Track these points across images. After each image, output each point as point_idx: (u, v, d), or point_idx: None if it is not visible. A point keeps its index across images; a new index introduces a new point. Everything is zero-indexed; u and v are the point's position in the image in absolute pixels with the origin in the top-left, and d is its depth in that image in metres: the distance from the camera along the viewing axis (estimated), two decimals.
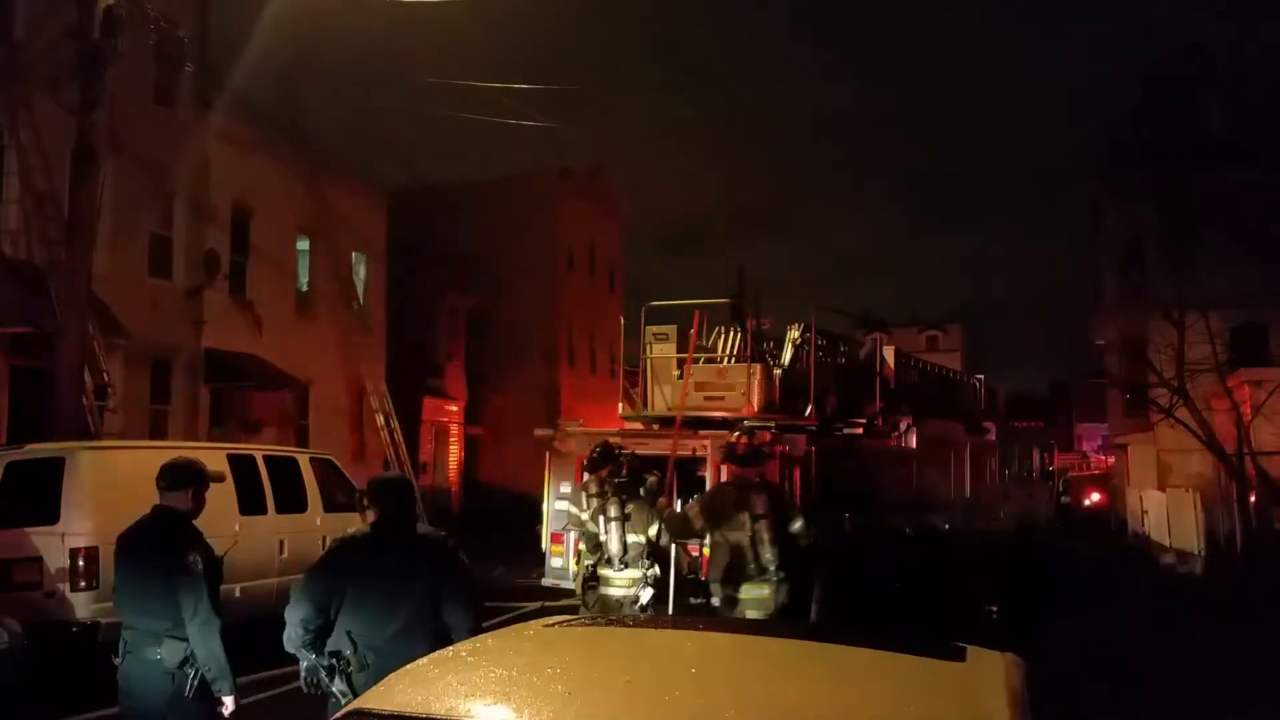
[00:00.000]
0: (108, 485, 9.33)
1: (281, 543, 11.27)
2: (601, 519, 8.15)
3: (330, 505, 12.19)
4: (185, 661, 4.93)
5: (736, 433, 8.40)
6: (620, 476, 8.32)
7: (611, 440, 9.00)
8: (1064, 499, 33.76)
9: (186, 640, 4.93)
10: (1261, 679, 10.58)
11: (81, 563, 9.04)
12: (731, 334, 12.79)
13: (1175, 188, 22.64)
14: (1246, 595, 15.85)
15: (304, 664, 4.64)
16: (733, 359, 12.40)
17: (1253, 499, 19.98)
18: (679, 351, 12.22)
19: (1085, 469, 48.61)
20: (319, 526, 11.80)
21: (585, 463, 8.96)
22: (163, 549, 5.02)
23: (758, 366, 11.69)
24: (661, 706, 2.42)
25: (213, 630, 4.94)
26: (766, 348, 12.72)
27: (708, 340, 12.83)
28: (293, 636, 4.64)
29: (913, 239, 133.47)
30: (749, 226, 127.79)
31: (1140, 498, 28.37)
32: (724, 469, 8.86)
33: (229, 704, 5.03)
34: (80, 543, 9.08)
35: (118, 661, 5.08)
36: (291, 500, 11.68)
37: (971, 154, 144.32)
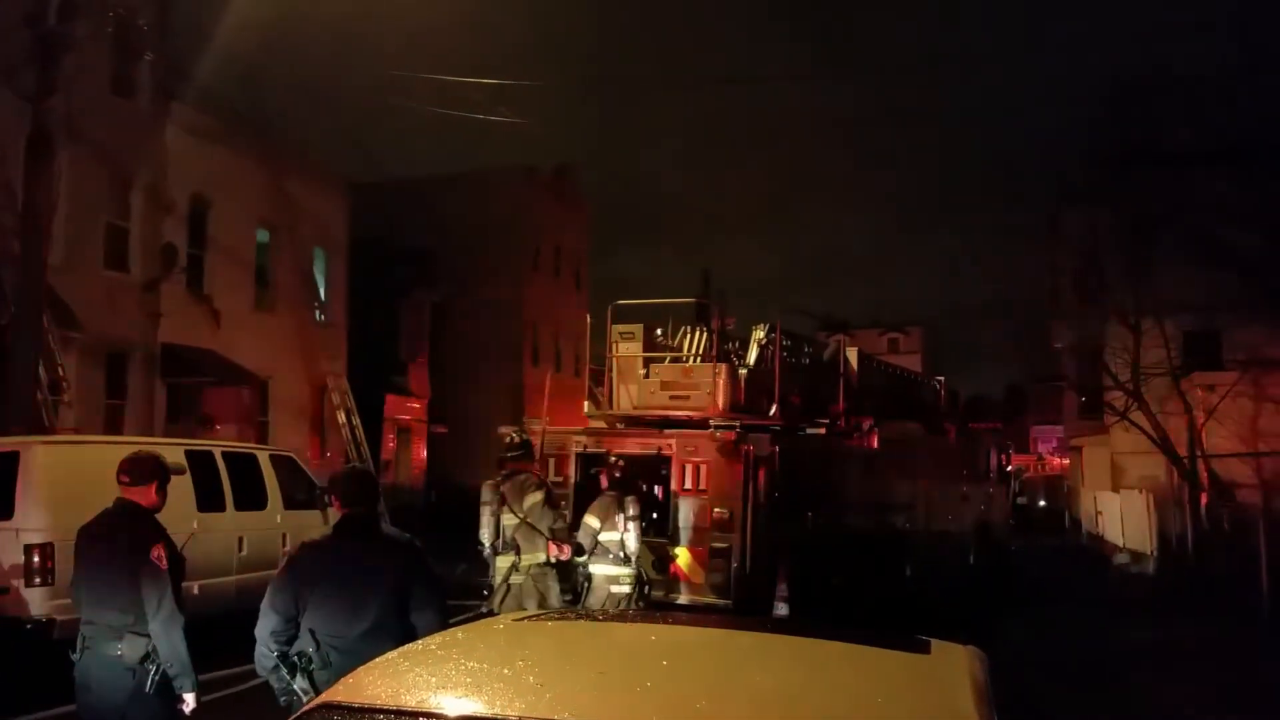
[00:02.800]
0: (63, 481, 9.18)
1: (240, 540, 11.14)
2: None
3: (290, 502, 12.08)
4: (146, 658, 4.85)
5: (509, 436, 9.28)
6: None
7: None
8: (1020, 499, 34.16)
9: (148, 636, 4.85)
10: (1210, 675, 10.80)
11: (36, 559, 8.88)
12: (697, 334, 12.82)
13: (1133, 195, 22.99)
14: (1197, 594, 16.13)
15: (277, 686, 4.52)
16: (698, 358, 12.42)
17: (1204, 501, 20.33)
18: (645, 350, 12.23)
19: (1041, 470, 49.21)
20: (279, 524, 11.69)
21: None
22: (126, 544, 4.94)
23: (723, 366, 11.71)
24: (634, 697, 2.42)
25: (176, 627, 4.87)
26: (732, 347, 12.75)
27: (673, 340, 12.85)
28: (264, 655, 4.51)
29: (876, 243, 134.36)
30: (714, 227, 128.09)
31: (1094, 498, 28.81)
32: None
33: (190, 701, 4.97)
34: (35, 539, 8.93)
35: (75, 657, 5.00)
36: (251, 497, 11.55)
37: (933, 158, 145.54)
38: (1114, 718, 8.70)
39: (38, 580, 8.87)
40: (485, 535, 8.88)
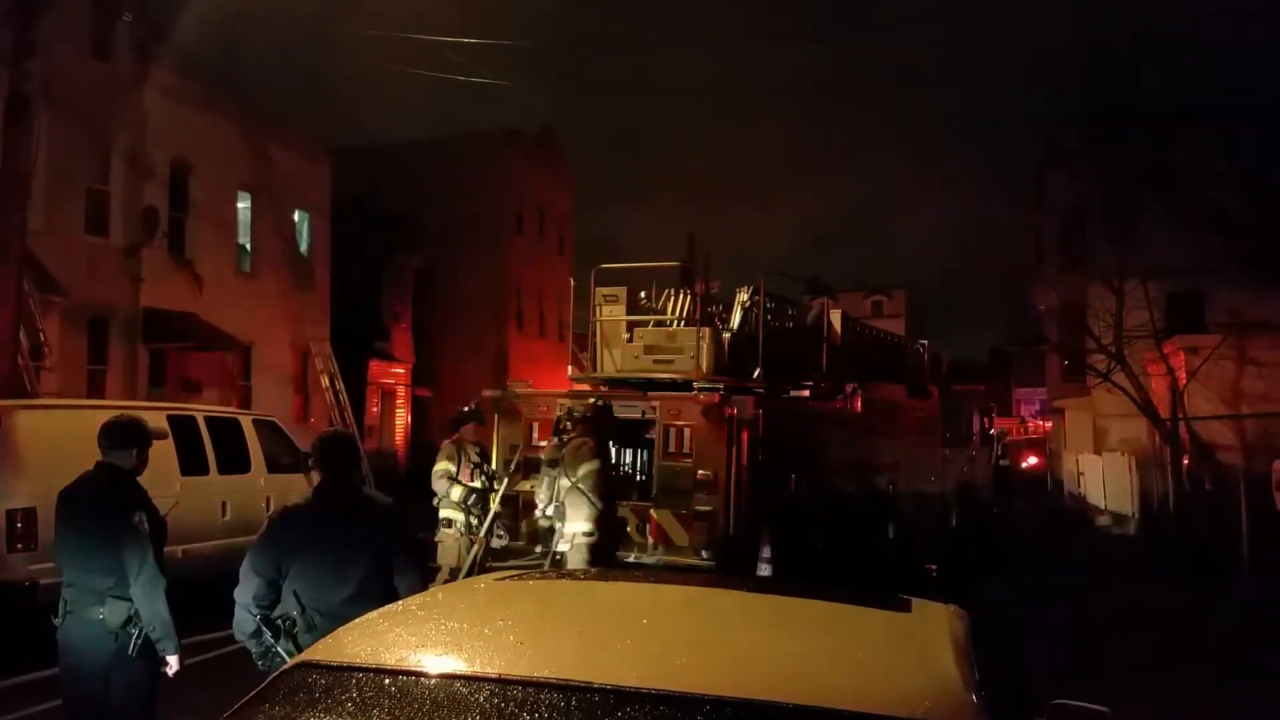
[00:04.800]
0: (45, 445, 9.15)
1: (224, 504, 11.16)
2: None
3: (273, 466, 12.10)
4: (129, 621, 4.86)
5: (593, 399, 9.78)
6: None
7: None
8: (1003, 462, 34.43)
9: (130, 600, 4.85)
10: (1190, 635, 10.94)
11: (19, 524, 8.88)
12: (681, 297, 12.78)
13: (1116, 157, 23.00)
14: (1178, 555, 16.29)
15: (255, 650, 4.49)
16: (682, 322, 12.39)
17: (1185, 462, 20.49)
18: (629, 314, 12.19)
19: (1023, 433, 49.54)
20: (262, 488, 11.73)
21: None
22: (107, 507, 4.93)
23: (706, 330, 11.68)
24: (614, 654, 2.43)
25: (157, 590, 4.86)
26: (715, 311, 12.72)
27: (657, 303, 12.82)
28: (243, 621, 4.47)
29: (861, 206, 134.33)
30: (698, 190, 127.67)
31: (1077, 461, 29.03)
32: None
33: (173, 663, 4.98)
34: (17, 503, 8.92)
35: (58, 621, 4.99)
36: (234, 461, 11.56)
37: (917, 120, 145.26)
38: (1094, 678, 8.79)
39: (20, 545, 8.88)
40: (541, 497, 9.13)
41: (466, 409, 11.23)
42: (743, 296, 12.86)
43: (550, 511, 8.98)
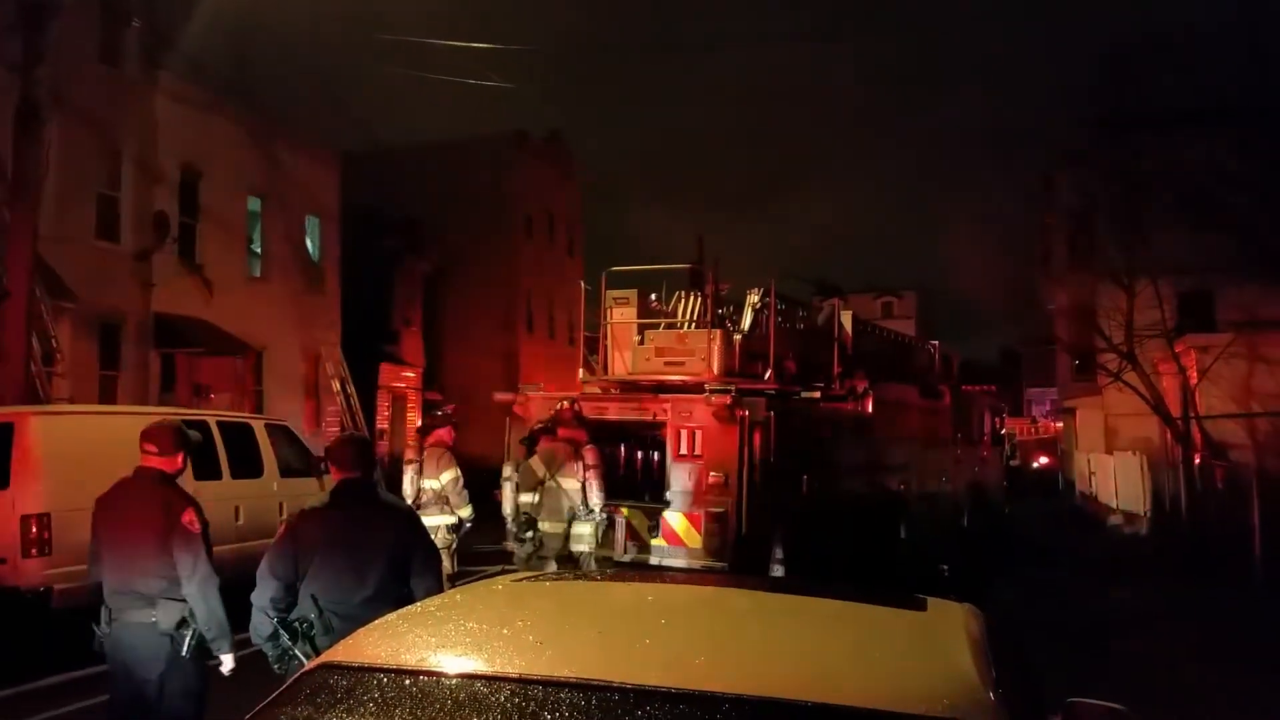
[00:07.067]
0: (58, 451, 9.20)
1: (237, 509, 11.18)
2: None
3: (286, 471, 12.12)
4: (182, 623, 4.86)
5: (564, 402, 10.35)
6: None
7: None
8: (1014, 462, 34.34)
9: (183, 601, 4.85)
10: (1202, 635, 10.91)
11: (34, 529, 8.91)
12: (691, 299, 12.78)
13: (1126, 155, 22.91)
14: (1190, 555, 16.24)
15: (272, 653, 4.51)
16: (692, 324, 12.39)
17: (1197, 461, 20.41)
18: (640, 316, 12.21)
19: (1034, 433, 49.36)
20: (275, 492, 11.74)
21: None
22: (156, 510, 4.92)
23: (718, 332, 11.68)
24: (633, 655, 2.44)
25: (213, 589, 4.87)
26: (726, 312, 12.73)
27: (668, 305, 12.82)
28: (262, 623, 4.49)
29: (870, 207, 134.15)
30: (708, 192, 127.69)
31: (1088, 460, 28.93)
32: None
33: (228, 661, 4.97)
34: (31, 509, 8.95)
35: (104, 630, 4.96)
36: (246, 466, 11.58)
37: (925, 118, 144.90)
38: (1108, 676, 8.78)
39: (34, 551, 8.90)
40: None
41: (440, 414, 11.38)
42: (753, 298, 12.86)
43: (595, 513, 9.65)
